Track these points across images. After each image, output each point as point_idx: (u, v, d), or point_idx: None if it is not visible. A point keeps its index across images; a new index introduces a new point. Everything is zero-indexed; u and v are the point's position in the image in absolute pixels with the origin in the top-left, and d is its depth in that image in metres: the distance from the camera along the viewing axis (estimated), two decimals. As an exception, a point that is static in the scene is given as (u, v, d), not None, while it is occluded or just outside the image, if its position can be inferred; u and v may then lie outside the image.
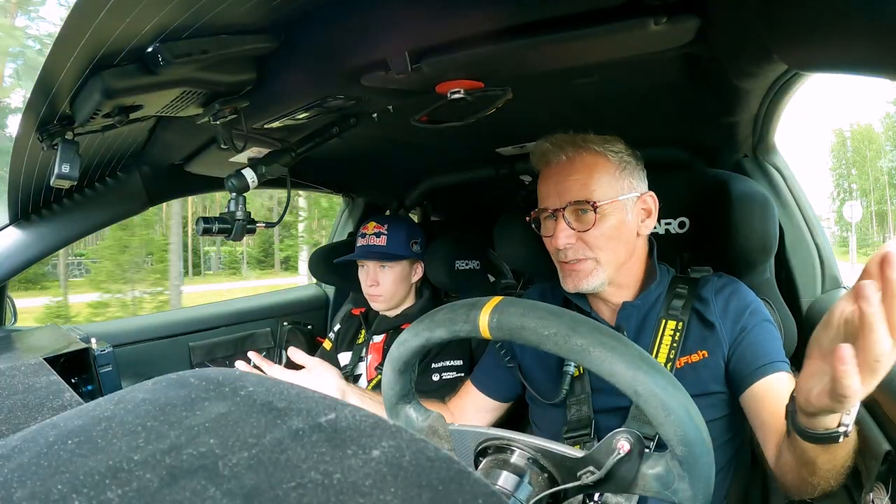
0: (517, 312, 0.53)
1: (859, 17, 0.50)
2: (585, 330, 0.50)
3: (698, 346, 0.88)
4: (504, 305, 0.55)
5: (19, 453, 0.24)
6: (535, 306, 0.54)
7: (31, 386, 0.62)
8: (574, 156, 0.89)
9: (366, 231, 1.43)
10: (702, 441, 0.49)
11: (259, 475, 0.21)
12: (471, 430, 0.62)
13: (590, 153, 0.89)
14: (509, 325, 0.53)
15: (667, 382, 0.48)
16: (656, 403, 0.47)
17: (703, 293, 0.91)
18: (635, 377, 0.48)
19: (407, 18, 0.69)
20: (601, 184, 0.87)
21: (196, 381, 0.29)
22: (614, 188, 0.88)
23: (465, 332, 0.56)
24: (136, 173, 1.28)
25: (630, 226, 0.90)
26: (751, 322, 0.87)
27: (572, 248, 0.88)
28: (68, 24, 0.58)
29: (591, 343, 0.49)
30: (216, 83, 0.79)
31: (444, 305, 0.60)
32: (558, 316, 0.52)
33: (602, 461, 0.52)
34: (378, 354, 1.45)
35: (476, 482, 0.21)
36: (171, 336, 1.56)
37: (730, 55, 0.77)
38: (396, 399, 0.66)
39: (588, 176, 0.87)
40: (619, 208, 0.88)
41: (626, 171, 0.90)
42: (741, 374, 0.85)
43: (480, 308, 0.55)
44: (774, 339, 0.87)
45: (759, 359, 0.84)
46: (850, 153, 35.48)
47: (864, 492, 0.77)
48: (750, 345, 0.85)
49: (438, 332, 0.58)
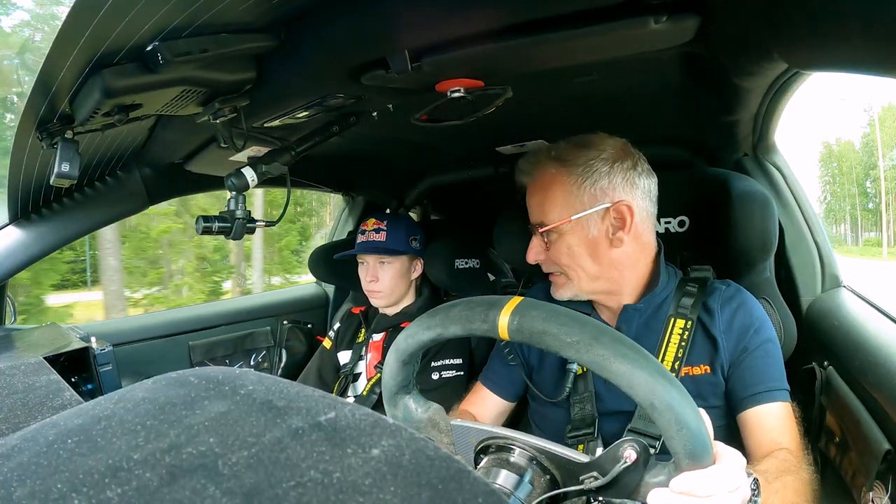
0: (539, 317, 0.52)
1: (859, 17, 0.50)
2: (608, 340, 0.50)
3: (701, 359, 0.87)
4: (525, 308, 0.54)
5: (19, 452, 0.24)
6: (557, 311, 0.53)
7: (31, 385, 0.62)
8: (536, 175, 0.91)
9: (365, 228, 1.43)
10: (708, 456, 0.50)
11: (259, 474, 0.21)
12: (473, 426, 0.62)
13: (547, 173, 0.89)
14: (531, 328, 0.52)
15: (682, 398, 0.49)
16: (670, 417, 0.48)
17: (710, 302, 0.90)
18: (654, 391, 0.48)
19: (407, 17, 0.69)
20: (555, 204, 0.87)
21: (196, 380, 0.29)
22: (573, 205, 0.86)
23: (481, 331, 0.55)
24: (136, 172, 1.28)
25: (596, 240, 0.87)
26: (753, 343, 0.86)
27: (544, 264, 0.92)
28: (68, 23, 0.57)
29: (613, 354, 0.49)
30: (216, 82, 0.79)
31: (460, 301, 0.59)
32: (582, 324, 0.51)
33: (607, 468, 0.52)
34: (378, 353, 1.45)
35: (476, 481, 0.21)
36: (170, 335, 1.56)
37: (730, 54, 0.77)
38: (397, 389, 0.65)
39: (543, 196, 0.89)
40: (577, 226, 0.87)
41: (589, 181, 0.86)
42: (736, 398, 0.85)
43: (500, 308, 0.54)
44: (774, 363, 0.86)
45: (755, 385, 0.84)
46: (834, 165, 42.10)
47: (863, 490, 0.77)
48: (748, 368, 0.85)
49: (453, 328, 0.57)
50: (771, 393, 0.83)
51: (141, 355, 1.48)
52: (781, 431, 0.81)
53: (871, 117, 38.95)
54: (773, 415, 0.82)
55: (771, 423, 0.82)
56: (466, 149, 1.46)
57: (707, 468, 0.50)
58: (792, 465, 0.75)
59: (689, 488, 0.50)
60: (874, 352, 0.84)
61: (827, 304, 1.10)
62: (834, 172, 44.42)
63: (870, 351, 0.85)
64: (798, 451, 0.80)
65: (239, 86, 0.83)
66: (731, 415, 0.87)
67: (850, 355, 0.89)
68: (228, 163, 1.24)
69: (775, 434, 0.81)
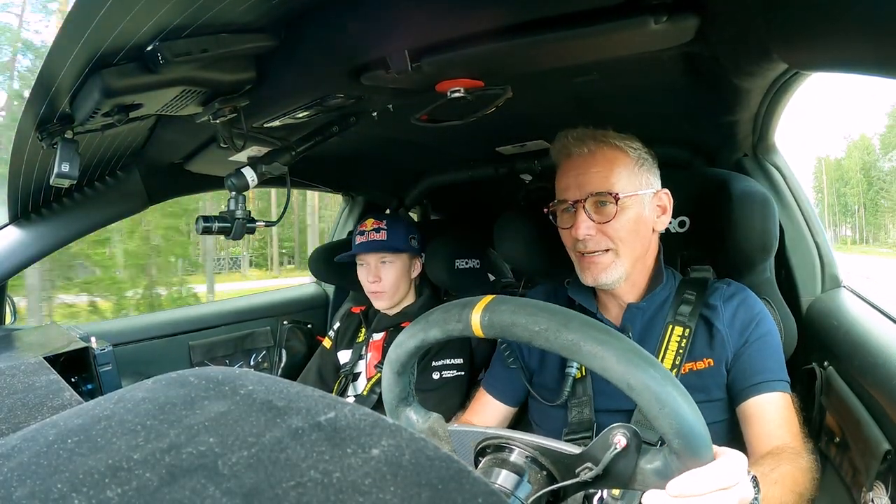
0: (508, 310, 0.53)
1: (859, 17, 0.50)
2: (576, 325, 0.50)
3: (704, 353, 0.88)
4: (495, 304, 0.55)
5: (19, 452, 0.24)
6: (526, 303, 0.54)
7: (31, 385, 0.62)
8: (595, 149, 0.90)
9: (364, 228, 1.42)
10: (699, 433, 0.48)
11: (258, 474, 0.21)
12: (470, 429, 0.62)
13: (610, 147, 0.90)
14: (500, 322, 0.53)
15: (659, 375, 0.47)
16: (649, 396, 0.47)
17: (711, 300, 0.91)
18: (627, 371, 0.47)
19: (407, 17, 0.69)
20: (621, 177, 0.88)
21: (196, 380, 0.29)
22: (633, 183, 0.89)
23: (458, 331, 0.57)
24: (136, 172, 1.28)
25: (647, 220, 0.91)
26: (754, 335, 0.87)
27: (592, 240, 0.89)
28: (68, 23, 0.58)
29: (582, 338, 0.49)
30: (216, 82, 0.79)
31: (438, 306, 0.60)
32: (549, 312, 0.52)
33: (599, 457, 0.52)
34: (378, 352, 1.45)
35: (475, 481, 0.21)
36: (170, 335, 1.56)
37: (730, 54, 0.77)
38: (396, 401, 0.66)
39: (609, 169, 0.89)
40: (638, 202, 0.90)
41: (643, 167, 0.91)
42: (736, 388, 0.86)
43: (472, 307, 0.55)
44: (773, 354, 0.87)
45: (755, 376, 0.85)
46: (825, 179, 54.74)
47: (863, 491, 0.77)
48: (749, 358, 0.86)
49: (433, 332, 0.58)
50: (770, 383, 0.84)
51: (141, 355, 1.48)
52: (780, 423, 0.82)
53: (849, 142, 54.06)
54: (772, 405, 0.83)
55: (770, 414, 0.82)
56: (466, 149, 1.46)
57: (705, 466, 0.49)
58: (789, 456, 0.76)
59: (685, 489, 0.49)
60: (874, 352, 0.84)
61: (827, 305, 1.10)
62: (819, 185, 56.79)
63: (870, 351, 0.85)
64: (797, 441, 0.80)
65: (239, 86, 0.83)
66: (733, 408, 0.87)
67: (850, 355, 0.89)
68: (228, 163, 1.24)
69: (773, 425, 0.82)
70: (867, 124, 74.45)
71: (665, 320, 0.91)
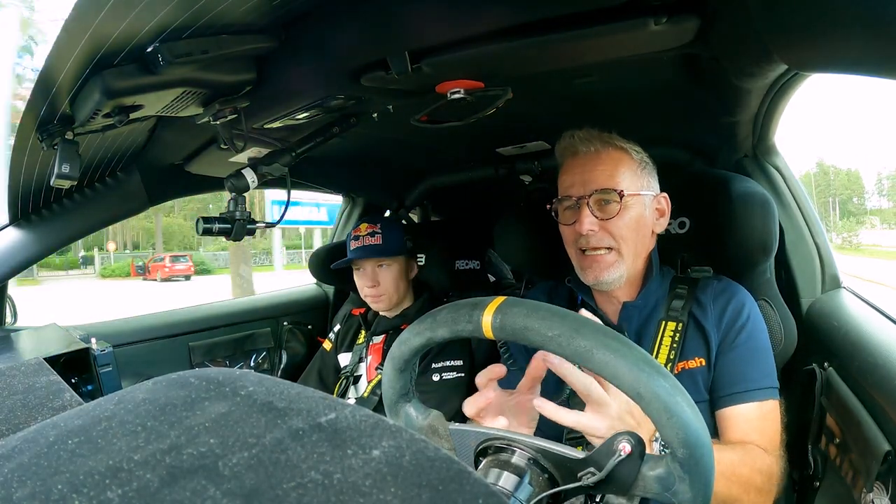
0: (521, 313, 0.53)
1: (859, 17, 0.50)
2: (589, 332, 0.50)
3: (695, 352, 0.88)
4: (507, 306, 0.54)
5: (19, 453, 0.24)
6: (539, 307, 0.53)
7: (31, 386, 0.62)
8: (601, 149, 0.92)
9: (358, 233, 1.41)
10: (703, 443, 0.49)
11: (259, 475, 0.21)
12: (471, 429, 0.62)
13: (615, 148, 0.92)
14: (513, 325, 0.53)
15: (669, 385, 0.48)
16: (658, 406, 0.47)
17: (701, 297, 0.92)
18: (638, 379, 0.48)
19: (407, 19, 0.69)
20: (626, 177, 0.90)
21: (196, 381, 0.29)
22: (636, 183, 0.91)
23: (467, 332, 0.56)
24: (136, 173, 1.28)
25: (647, 221, 0.92)
26: (739, 338, 0.87)
27: (595, 236, 0.90)
28: (68, 24, 0.58)
29: (595, 345, 0.49)
30: (216, 83, 0.79)
31: (447, 305, 0.60)
32: (562, 317, 0.52)
33: (603, 462, 0.52)
34: (378, 355, 1.45)
35: (476, 482, 0.21)
36: (171, 336, 1.56)
37: (730, 55, 0.77)
38: (396, 398, 0.66)
39: (614, 168, 0.90)
40: (640, 203, 0.91)
41: (645, 170, 0.94)
42: (715, 394, 0.86)
43: (483, 308, 0.55)
44: (756, 360, 0.87)
45: (735, 384, 0.85)
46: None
47: (864, 492, 0.77)
48: (731, 363, 0.86)
49: (441, 331, 0.58)
50: (748, 393, 0.84)
51: (141, 356, 1.48)
52: (748, 431, 0.82)
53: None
54: (744, 417, 0.83)
55: (742, 426, 0.83)
56: (466, 150, 1.47)
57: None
58: (746, 449, 0.78)
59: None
60: (874, 352, 0.84)
61: (827, 305, 1.09)
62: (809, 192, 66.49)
63: (870, 352, 0.85)
64: (770, 447, 0.81)
65: (239, 87, 0.83)
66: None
67: (850, 356, 0.89)
68: (229, 164, 1.24)
69: (742, 434, 0.82)
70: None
71: (659, 317, 0.92)
